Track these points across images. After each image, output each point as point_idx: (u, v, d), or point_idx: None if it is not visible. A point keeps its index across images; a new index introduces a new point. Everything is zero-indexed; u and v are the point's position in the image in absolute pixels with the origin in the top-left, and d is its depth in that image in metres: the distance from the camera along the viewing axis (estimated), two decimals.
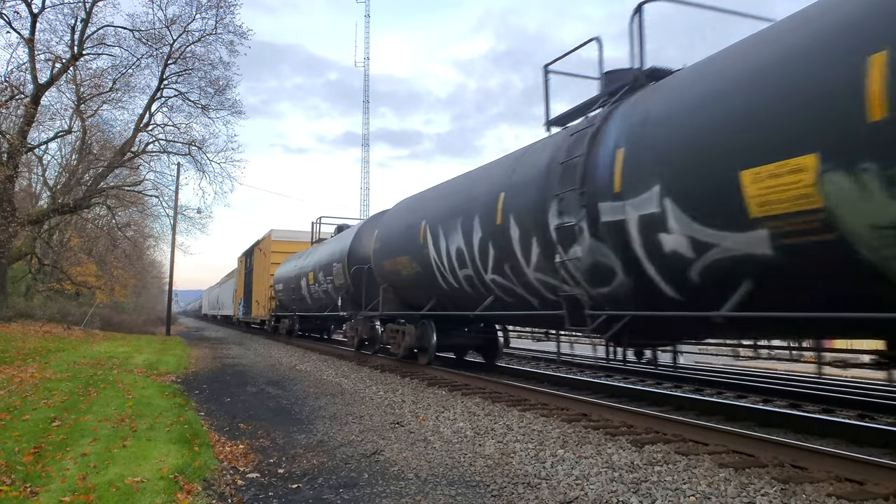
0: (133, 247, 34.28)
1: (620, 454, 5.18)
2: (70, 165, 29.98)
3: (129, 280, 35.87)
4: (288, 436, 6.21)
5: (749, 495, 4.09)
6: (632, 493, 4.19)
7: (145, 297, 57.24)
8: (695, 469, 4.70)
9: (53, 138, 26.57)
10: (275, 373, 12.28)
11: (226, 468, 4.91)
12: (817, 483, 4.32)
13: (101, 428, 6.06)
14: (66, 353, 14.32)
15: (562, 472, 4.75)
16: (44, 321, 23.33)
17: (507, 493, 4.28)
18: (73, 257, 29.54)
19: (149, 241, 44.26)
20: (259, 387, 10.05)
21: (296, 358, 15.63)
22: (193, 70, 25.16)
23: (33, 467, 4.63)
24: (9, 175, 20.41)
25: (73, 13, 21.92)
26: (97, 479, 4.35)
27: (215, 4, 23.55)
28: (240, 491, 4.39)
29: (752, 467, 4.72)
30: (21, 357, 12.44)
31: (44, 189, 32.48)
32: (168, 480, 4.36)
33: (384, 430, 6.45)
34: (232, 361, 14.92)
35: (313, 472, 4.86)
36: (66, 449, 5.22)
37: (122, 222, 31.20)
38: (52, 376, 9.89)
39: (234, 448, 5.62)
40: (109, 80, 24.14)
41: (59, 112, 25.80)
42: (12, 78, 20.72)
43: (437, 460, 5.17)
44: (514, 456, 5.24)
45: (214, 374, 12.22)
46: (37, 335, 18.75)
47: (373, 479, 4.64)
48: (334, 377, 11.27)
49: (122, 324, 31.50)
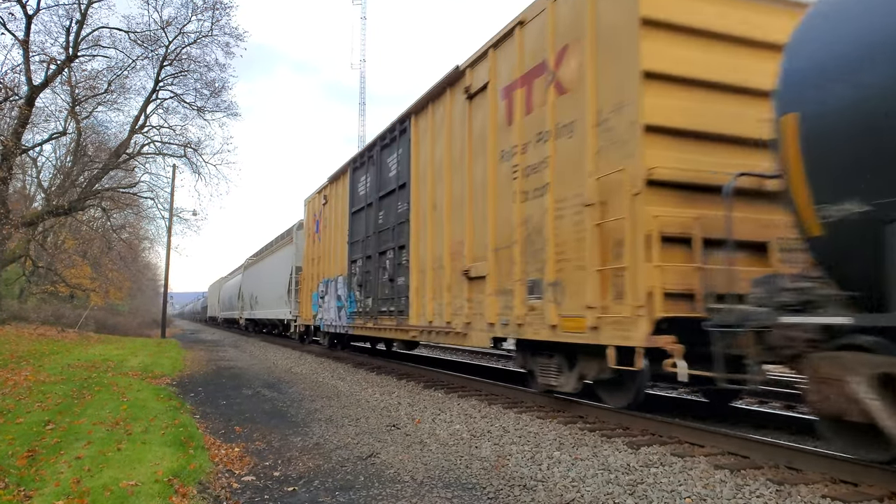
0: (128, 249, 34.16)
1: (616, 456, 5.18)
2: (65, 167, 29.86)
3: (123, 282, 35.72)
4: (284, 438, 6.19)
5: (744, 496, 4.09)
6: (628, 495, 4.19)
7: (140, 300, 57.03)
8: (691, 471, 4.71)
9: (48, 140, 26.44)
10: (270, 375, 12.26)
11: (221, 471, 4.90)
12: (812, 484, 4.33)
13: (95, 431, 6.03)
14: (61, 356, 14.25)
15: (558, 474, 4.75)
16: (38, 324, 23.25)
17: (504, 496, 4.28)
18: (68, 259, 29.39)
19: (144, 243, 44.15)
20: (255, 389, 10.02)
21: (292, 361, 15.59)
22: (189, 72, 25.13)
23: (27, 471, 4.61)
24: (3, 177, 20.33)
25: (68, 14, 21.85)
26: (91, 482, 4.33)
27: (211, 6, 23.52)
28: (235, 494, 4.38)
29: (747, 469, 4.73)
30: (15, 360, 12.38)
31: (38, 191, 32.35)
32: (163, 484, 4.35)
33: (380, 432, 6.44)
34: (227, 364, 14.87)
35: (309, 475, 4.85)
36: (60, 452, 5.19)
37: (117, 224, 31.11)
38: (47, 379, 9.85)
39: (230, 451, 5.61)
40: (105, 81, 24.09)
41: (53, 114, 25.76)
42: (7, 79, 20.65)
43: (434, 463, 5.17)
44: (510, 458, 5.24)
45: (210, 376, 12.18)
46: (31, 338, 18.67)
47: (369, 482, 4.63)
48: (330, 379, 11.24)
49: (117, 326, 31.42)
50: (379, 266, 11.77)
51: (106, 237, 29.92)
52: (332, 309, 14.98)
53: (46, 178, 32.09)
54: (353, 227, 13.53)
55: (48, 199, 27.35)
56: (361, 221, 12.86)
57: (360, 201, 13.01)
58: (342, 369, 13.02)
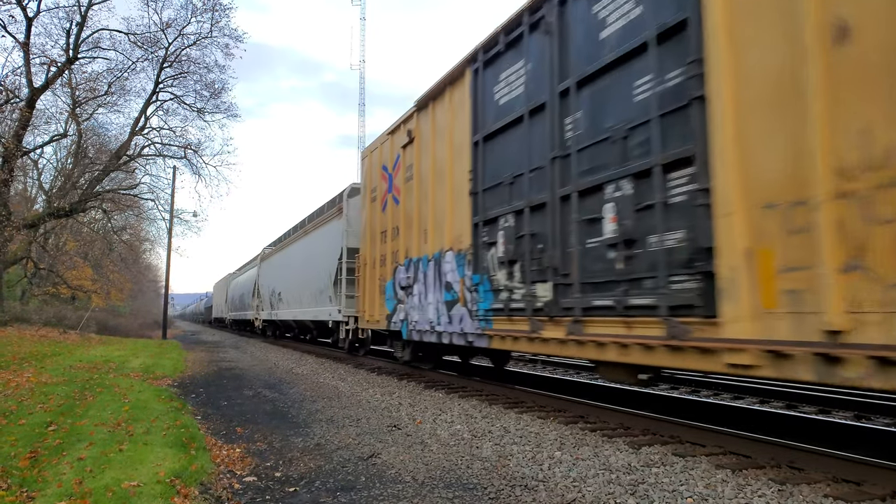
0: (129, 250, 34.23)
1: (618, 456, 5.18)
2: (66, 169, 29.92)
3: (125, 284, 35.76)
4: (285, 439, 6.19)
5: (746, 496, 4.09)
6: (629, 495, 4.19)
7: (141, 301, 57.07)
8: (692, 470, 4.71)
9: (49, 142, 26.47)
10: (271, 376, 12.26)
11: (223, 472, 4.90)
12: (814, 484, 4.33)
13: (97, 432, 6.04)
14: (62, 357, 14.26)
15: (559, 474, 4.75)
16: (40, 325, 23.27)
17: (505, 496, 4.28)
18: (69, 261, 29.42)
19: (144, 244, 44.17)
20: (256, 390, 10.03)
21: (292, 361, 15.60)
22: (189, 73, 25.16)
23: (29, 472, 4.61)
24: (4, 179, 20.37)
25: (68, 17, 21.89)
26: (93, 483, 4.34)
27: (210, 8, 23.55)
28: (237, 494, 4.38)
29: (749, 468, 4.73)
30: (17, 361, 12.40)
31: (39, 193, 32.40)
32: (165, 484, 4.35)
33: (381, 433, 6.44)
34: (228, 365, 14.88)
35: (310, 476, 4.85)
36: (62, 453, 5.20)
37: (117, 226, 31.16)
38: (48, 380, 9.85)
39: (231, 451, 5.61)
40: (105, 83, 24.11)
41: (54, 116, 25.83)
42: (7, 82, 20.75)
43: (435, 463, 5.17)
44: (511, 458, 5.24)
45: (211, 377, 12.18)
46: (33, 339, 18.69)
47: (370, 483, 4.63)
48: (331, 380, 11.25)
49: (118, 327, 31.47)
50: (571, 220, 6.35)
51: (107, 239, 29.96)
52: (428, 305, 9.63)
53: (47, 180, 32.21)
54: (484, 165, 8.08)
55: (49, 201, 27.38)
56: (507, 149, 7.64)
57: (502, 114, 7.72)
58: (343, 370, 13.02)
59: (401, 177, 11.04)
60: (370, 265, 12.61)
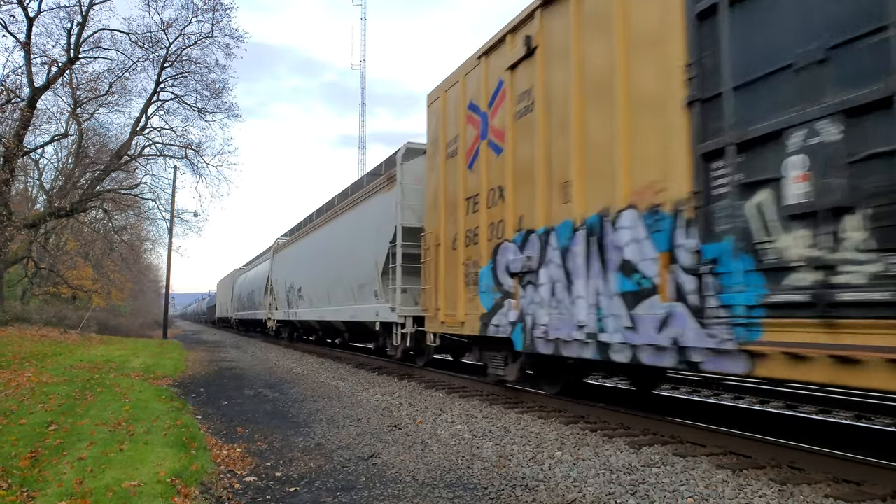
0: (129, 250, 34.21)
1: (618, 456, 5.18)
2: (66, 169, 29.93)
3: (125, 284, 35.77)
4: (285, 439, 6.20)
5: (747, 496, 4.09)
6: (630, 495, 4.19)
7: (142, 301, 57.09)
8: (693, 470, 4.71)
9: (50, 142, 26.49)
10: (272, 376, 12.26)
11: (223, 472, 4.90)
12: (815, 484, 4.32)
13: (97, 432, 6.04)
14: (63, 357, 14.27)
15: (559, 474, 4.75)
16: (40, 325, 23.29)
17: (505, 496, 4.28)
18: (70, 261, 29.44)
19: (145, 244, 44.16)
20: (256, 390, 10.03)
21: (293, 361, 15.60)
22: (190, 73, 25.13)
23: (30, 472, 4.61)
24: (5, 179, 20.37)
25: (69, 17, 21.87)
26: (94, 483, 4.34)
27: (211, 8, 23.53)
28: (237, 494, 4.38)
29: (749, 468, 4.73)
30: (17, 361, 12.40)
31: (40, 193, 32.43)
32: (165, 484, 4.35)
33: (382, 433, 6.44)
34: (229, 365, 14.88)
35: (311, 476, 4.85)
36: (62, 453, 5.20)
37: (118, 226, 31.12)
38: (49, 380, 9.86)
39: (232, 451, 5.61)
40: (106, 83, 24.09)
41: (55, 115, 25.78)
42: (8, 81, 20.71)
43: (435, 463, 5.17)
44: (511, 458, 5.24)
45: (211, 377, 12.19)
46: (33, 339, 18.70)
47: (370, 483, 4.63)
48: (332, 380, 11.25)
49: (119, 327, 31.50)
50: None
51: (108, 238, 29.94)
52: (576, 301, 6.33)
53: (48, 179, 32.21)
54: (729, 48, 4.68)
55: (50, 200, 27.39)
56: (788, 8, 4.32)
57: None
58: (343, 370, 13.02)
59: (507, 112, 7.85)
60: (446, 246, 9.46)
